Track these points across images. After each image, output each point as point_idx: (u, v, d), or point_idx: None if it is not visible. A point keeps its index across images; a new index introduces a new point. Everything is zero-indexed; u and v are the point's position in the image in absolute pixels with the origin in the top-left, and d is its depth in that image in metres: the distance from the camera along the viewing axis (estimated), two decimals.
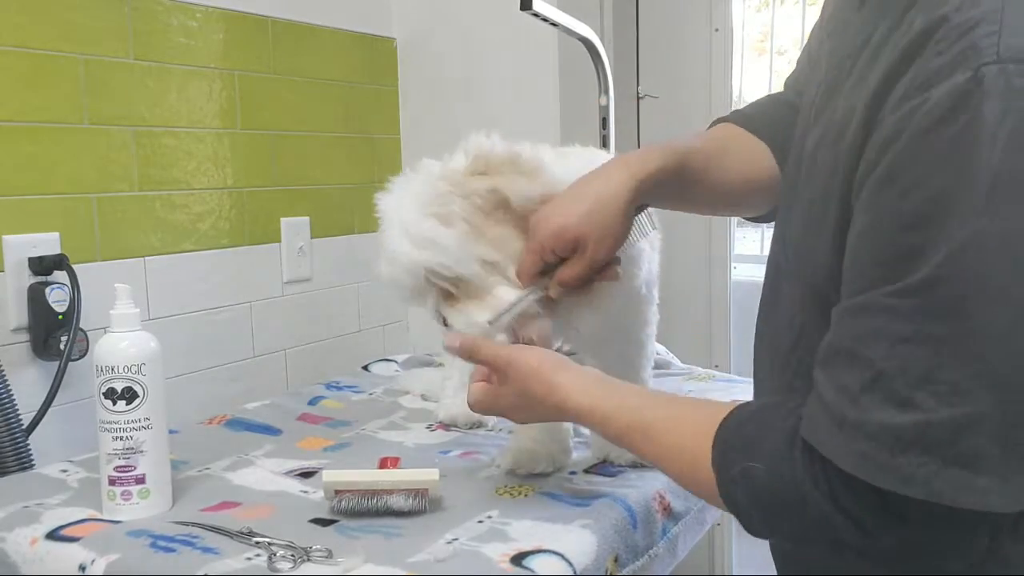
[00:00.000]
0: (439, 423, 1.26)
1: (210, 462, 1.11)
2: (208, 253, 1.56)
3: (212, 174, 1.57)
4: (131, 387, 0.92)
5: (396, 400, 1.42)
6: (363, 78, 1.90)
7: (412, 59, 1.97)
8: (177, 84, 1.50)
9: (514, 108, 1.84)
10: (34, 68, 1.30)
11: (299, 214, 1.75)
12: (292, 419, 1.31)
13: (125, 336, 0.94)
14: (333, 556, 0.82)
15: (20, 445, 1.19)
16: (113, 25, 1.40)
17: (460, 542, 0.85)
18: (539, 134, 1.84)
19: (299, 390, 1.51)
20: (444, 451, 1.15)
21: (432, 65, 1.94)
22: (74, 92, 1.35)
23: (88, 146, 1.37)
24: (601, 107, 1.60)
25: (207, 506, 0.97)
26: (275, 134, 1.69)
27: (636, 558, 0.93)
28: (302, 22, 1.74)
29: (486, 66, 1.87)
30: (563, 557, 0.82)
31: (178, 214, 1.51)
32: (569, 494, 0.97)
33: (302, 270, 1.75)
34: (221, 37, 1.58)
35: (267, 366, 1.68)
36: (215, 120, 1.57)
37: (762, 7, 2.17)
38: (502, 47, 1.85)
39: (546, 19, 1.39)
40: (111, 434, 0.93)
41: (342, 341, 1.85)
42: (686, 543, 1.05)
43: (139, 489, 0.94)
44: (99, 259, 1.39)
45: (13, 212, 1.28)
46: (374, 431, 1.25)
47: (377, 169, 1.95)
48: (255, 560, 0.83)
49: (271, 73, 1.68)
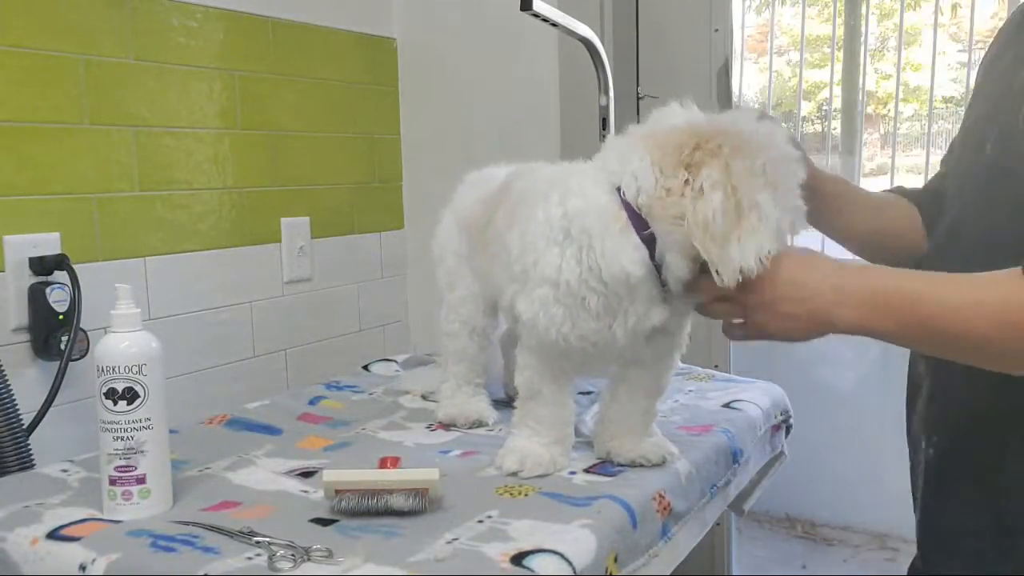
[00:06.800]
0: (439, 423, 1.26)
1: (210, 462, 1.11)
2: (208, 253, 1.57)
3: (212, 174, 1.57)
4: (132, 387, 0.92)
5: (396, 400, 1.42)
6: (363, 78, 1.90)
7: (412, 59, 1.97)
8: (177, 84, 1.50)
9: (514, 108, 1.84)
10: (34, 68, 1.30)
11: (299, 214, 1.75)
12: (292, 419, 1.31)
13: (126, 336, 0.94)
14: (333, 556, 0.82)
15: (21, 445, 1.20)
16: (113, 25, 1.40)
17: (460, 542, 0.85)
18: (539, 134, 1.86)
19: (299, 390, 1.51)
20: (444, 451, 1.15)
21: (432, 65, 1.95)
22: (74, 92, 1.35)
23: (88, 146, 1.37)
24: (601, 107, 1.60)
25: (207, 506, 0.97)
26: (275, 134, 1.69)
27: (636, 557, 0.93)
28: (302, 22, 1.74)
29: (486, 66, 1.87)
30: (563, 557, 0.82)
31: (178, 214, 1.51)
32: (569, 494, 0.97)
33: (302, 270, 1.76)
34: (221, 37, 1.58)
35: (267, 366, 1.68)
36: (215, 120, 1.57)
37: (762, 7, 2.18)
38: (502, 47, 1.85)
39: (546, 19, 1.39)
40: (112, 434, 0.93)
41: (342, 341, 1.85)
42: (686, 543, 1.05)
43: (140, 489, 0.94)
44: (100, 259, 1.39)
45: (13, 212, 1.28)
46: (374, 431, 1.25)
47: (377, 169, 1.95)
48: (255, 560, 0.83)
49: (271, 73, 1.68)
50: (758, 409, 1.32)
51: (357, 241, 1.89)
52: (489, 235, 1.15)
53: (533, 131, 1.85)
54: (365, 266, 1.92)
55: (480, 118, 1.91)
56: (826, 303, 0.84)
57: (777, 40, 2.18)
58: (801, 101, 2.20)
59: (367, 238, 1.92)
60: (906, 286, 0.81)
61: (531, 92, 1.82)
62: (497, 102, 1.86)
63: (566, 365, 1.04)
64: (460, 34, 1.90)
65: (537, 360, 1.03)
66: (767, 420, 1.33)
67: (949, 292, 0.79)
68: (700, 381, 1.48)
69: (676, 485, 1.03)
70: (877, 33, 2.18)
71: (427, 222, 1.38)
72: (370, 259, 1.94)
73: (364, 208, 1.91)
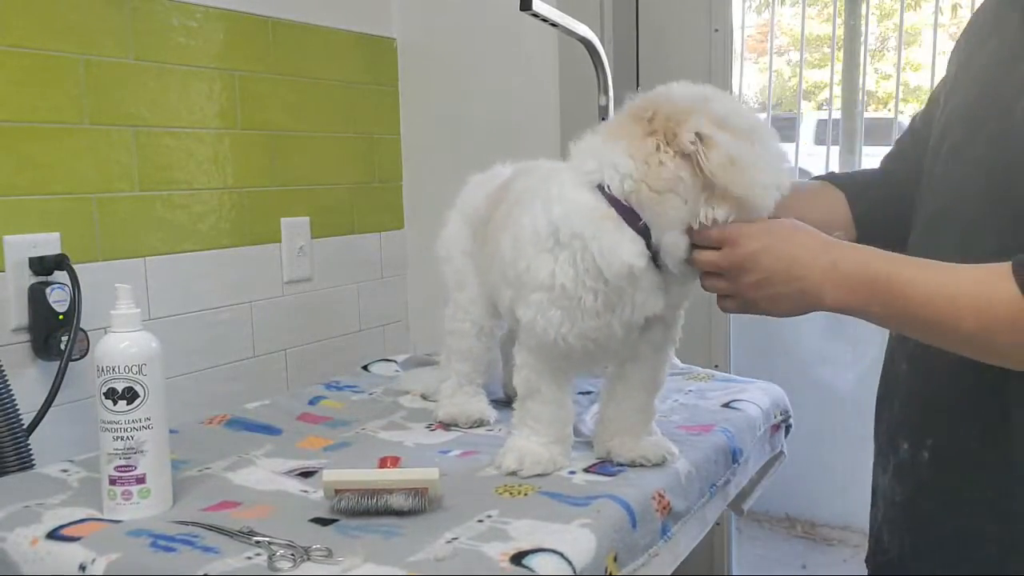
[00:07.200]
0: (439, 423, 1.27)
1: (210, 462, 1.11)
2: (208, 253, 1.57)
3: (212, 174, 1.57)
4: (132, 387, 0.92)
5: (396, 400, 1.42)
6: (363, 78, 1.90)
7: (412, 59, 1.97)
8: (177, 84, 1.50)
9: (514, 108, 1.84)
10: (34, 68, 1.30)
11: (299, 214, 1.75)
12: (292, 419, 1.31)
13: (126, 336, 0.94)
14: (333, 555, 0.82)
15: (21, 445, 1.20)
16: (113, 25, 1.40)
17: (460, 541, 0.85)
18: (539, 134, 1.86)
19: (299, 390, 1.51)
20: (444, 451, 1.15)
21: (432, 65, 1.95)
22: (74, 92, 1.35)
23: (88, 146, 1.37)
24: (601, 107, 1.60)
25: (207, 506, 0.97)
26: (275, 134, 1.69)
27: (635, 557, 0.93)
28: (302, 22, 1.74)
29: (486, 66, 1.87)
30: (563, 556, 0.82)
31: (178, 214, 1.52)
32: (569, 493, 0.97)
33: (302, 270, 1.76)
34: (221, 37, 1.58)
35: (267, 366, 1.68)
36: (215, 120, 1.57)
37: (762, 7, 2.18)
38: (502, 47, 1.85)
39: (546, 19, 1.39)
40: (112, 434, 0.93)
41: (342, 341, 1.85)
42: (686, 543, 1.05)
43: (139, 489, 0.94)
44: (100, 259, 1.39)
45: (13, 212, 1.28)
46: (374, 431, 1.25)
47: (377, 169, 1.95)
48: (255, 559, 0.83)
49: (271, 73, 1.68)
50: (758, 409, 1.32)
51: (357, 241, 1.89)
52: (488, 232, 1.15)
53: (533, 131, 1.85)
54: (365, 266, 1.92)
55: (480, 118, 1.91)
56: (817, 283, 0.85)
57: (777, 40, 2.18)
58: (801, 101, 2.20)
59: (367, 238, 1.92)
60: (897, 274, 0.82)
61: (531, 92, 1.82)
62: (497, 102, 1.86)
63: (565, 364, 1.04)
64: (460, 34, 1.90)
65: (535, 359, 1.03)
66: (767, 420, 1.34)
67: (938, 283, 0.80)
68: (700, 381, 1.48)
69: (676, 485, 1.03)
70: (877, 33, 2.18)
71: (427, 222, 1.38)
72: (370, 259, 1.94)
73: (364, 208, 1.91)
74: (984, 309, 0.77)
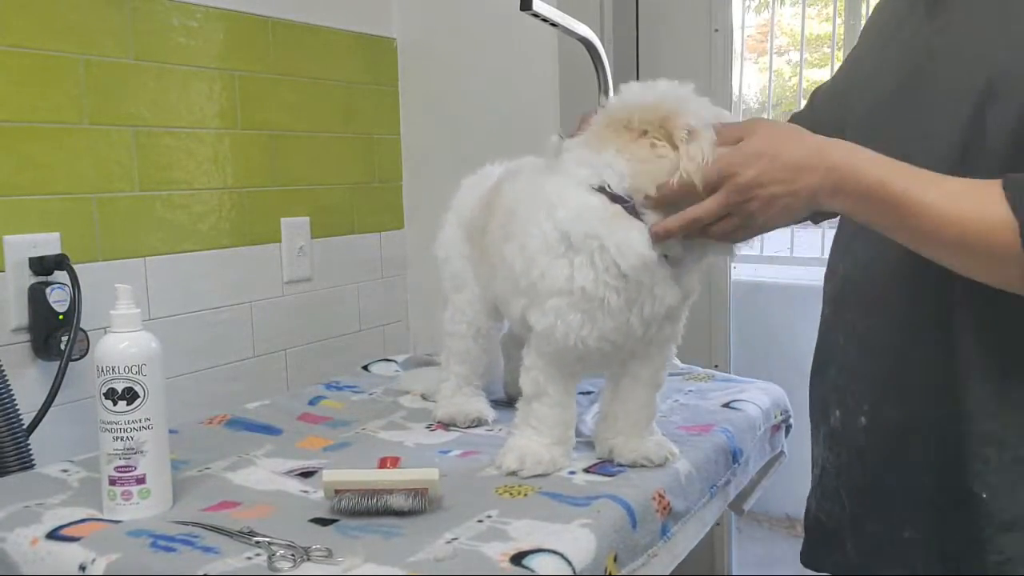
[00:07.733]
0: (438, 422, 1.27)
1: (210, 462, 1.11)
2: (208, 253, 1.57)
3: (212, 174, 1.57)
4: (132, 387, 0.92)
5: (396, 400, 1.42)
6: (363, 78, 1.90)
7: (412, 59, 1.97)
8: (177, 84, 1.50)
9: (514, 108, 1.84)
10: (34, 68, 1.30)
11: (299, 214, 1.75)
12: (292, 419, 1.31)
13: (126, 336, 0.94)
14: (333, 556, 0.82)
15: (21, 445, 1.20)
16: (113, 25, 1.40)
17: (460, 542, 0.85)
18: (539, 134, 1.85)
19: (299, 390, 1.51)
20: (444, 451, 1.15)
21: (432, 65, 1.95)
22: (74, 92, 1.35)
23: (88, 146, 1.37)
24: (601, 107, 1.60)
25: (207, 506, 0.97)
26: (275, 134, 1.69)
27: (635, 557, 0.93)
28: (302, 22, 1.74)
29: (486, 66, 1.87)
30: (563, 556, 0.82)
31: (178, 214, 1.52)
32: (569, 493, 0.97)
33: (302, 270, 1.76)
34: (221, 37, 1.58)
35: (267, 366, 1.68)
36: (215, 120, 1.57)
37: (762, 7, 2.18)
38: (502, 47, 1.85)
39: (546, 19, 1.39)
40: (111, 434, 0.93)
41: (342, 341, 1.85)
42: (686, 543, 1.05)
43: (139, 489, 0.94)
44: (100, 259, 1.39)
45: (13, 212, 1.28)
46: (374, 431, 1.25)
47: (377, 169, 1.95)
48: (255, 560, 0.83)
49: (271, 73, 1.68)
50: (758, 409, 1.32)
51: (357, 241, 1.89)
52: (487, 243, 1.15)
53: (533, 131, 1.84)
54: (365, 266, 1.93)
55: (480, 118, 1.91)
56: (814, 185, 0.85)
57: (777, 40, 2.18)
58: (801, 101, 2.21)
59: (367, 238, 1.92)
60: (893, 184, 0.82)
61: (531, 92, 1.82)
62: (497, 102, 1.86)
63: (578, 367, 1.04)
64: (460, 34, 1.90)
65: (545, 362, 1.03)
66: (767, 420, 1.34)
67: (933, 197, 0.80)
68: (700, 381, 1.48)
69: (676, 485, 1.03)
70: None
71: (427, 222, 1.38)
72: (370, 259, 1.94)
73: (364, 208, 1.91)
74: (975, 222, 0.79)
